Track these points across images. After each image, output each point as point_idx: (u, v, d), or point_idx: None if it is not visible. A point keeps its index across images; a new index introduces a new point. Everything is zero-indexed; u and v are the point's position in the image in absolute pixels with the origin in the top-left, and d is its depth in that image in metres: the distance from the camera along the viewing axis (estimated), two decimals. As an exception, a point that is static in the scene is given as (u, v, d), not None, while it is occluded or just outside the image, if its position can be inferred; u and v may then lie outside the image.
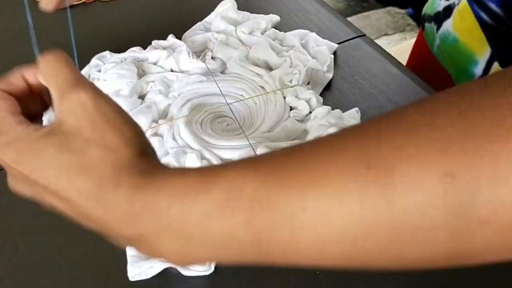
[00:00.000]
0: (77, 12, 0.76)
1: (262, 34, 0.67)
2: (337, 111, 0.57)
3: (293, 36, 0.66)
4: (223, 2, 0.70)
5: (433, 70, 0.72)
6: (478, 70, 0.64)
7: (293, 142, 0.54)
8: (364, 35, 0.71)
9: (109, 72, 0.61)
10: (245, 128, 0.57)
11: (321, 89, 0.62)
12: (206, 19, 0.70)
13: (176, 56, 0.63)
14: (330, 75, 0.63)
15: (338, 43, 0.67)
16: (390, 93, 0.62)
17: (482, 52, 0.63)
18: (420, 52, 0.76)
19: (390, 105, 0.60)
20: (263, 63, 0.63)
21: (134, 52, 0.65)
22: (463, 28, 0.64)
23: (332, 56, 0.65)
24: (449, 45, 0.68)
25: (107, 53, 0.65)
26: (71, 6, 0.70)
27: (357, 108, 0.58)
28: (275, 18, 0.69)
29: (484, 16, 0.60)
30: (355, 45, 0.69)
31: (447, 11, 0.67)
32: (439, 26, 0.69)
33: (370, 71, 0.66)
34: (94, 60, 0.64)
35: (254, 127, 0.57)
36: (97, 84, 0.59)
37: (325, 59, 0.64)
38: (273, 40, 0.66)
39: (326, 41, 0.66)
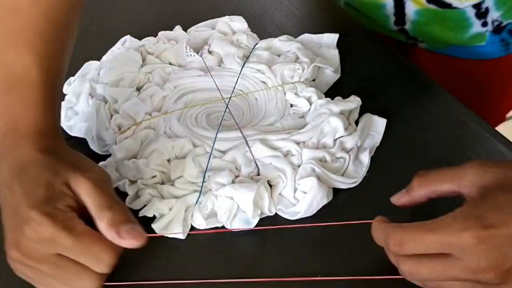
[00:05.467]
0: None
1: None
2: (337, 98, 0.55)
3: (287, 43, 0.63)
4: (237, 18, 0.67)
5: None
6: (389, 11, 0.68)
7: (287, 135, 0.52)
8: (367, 29, 0.69)
9: (113, 60, 0.60)
10: (244, 123, 0.55)
11: (326, 88, 0.60)
12: (216, 19, 0.67)
13: (174, 49, 0.61)
14: (337, 76, 0.61)
15: (340, 38, 0.64)
16: (393, 87, 0.60)
17: None
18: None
19: (393, 99, 0.58)
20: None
21: (149, 41, 0.64)
22: None
23: (338, 57, 0.62)
24: None
25: (128, 37, 0.65)
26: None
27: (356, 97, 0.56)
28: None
29: None
30: (357, 39, 0.66)
31: None
32: None
33: (373, 65, 0.63)
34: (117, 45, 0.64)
35: (253, 123, 0.55)
36: (101, 72, 0.59)
37: (334, 61, 0.61)
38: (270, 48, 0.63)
39: (326, 34, 0.64)
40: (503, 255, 0.34)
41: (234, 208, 0.47)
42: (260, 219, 0.48)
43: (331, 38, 0.64)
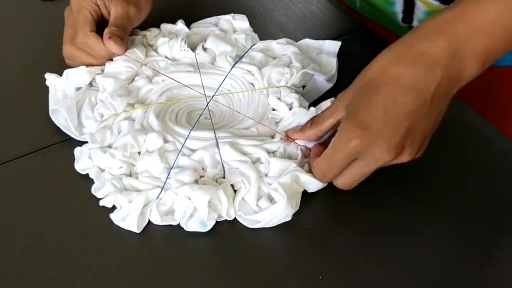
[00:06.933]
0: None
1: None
2: (312, 109, 0.53)
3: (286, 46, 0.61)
4: (240, 17, 0.66)
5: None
6: (397, 8, 0.68)
7: (259, 142, 0.51)
8: (367, 28, 0.67)
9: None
10: (224, 124, 0.55)
11: (316, 96, 0.58)
12: (220, 16, 0.67)
13: (170, 43, 0.61)
14: (330, 85, 0.59)
15: (340, 36, 0.63)
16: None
17: None
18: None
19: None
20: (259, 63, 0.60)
21: (151, 33, 0.64)
22: None
23: (336, 66, 0.60)
24: None
25: None
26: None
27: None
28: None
29: None
30: (357, 38, 0.65)
31: None
32: None
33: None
34: None
35: (231, 124, 0.55)
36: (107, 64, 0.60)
37: (330, 69, 0.60)
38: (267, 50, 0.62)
39: (328, 41, 0.62)
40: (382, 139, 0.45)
41: (190, 209, 0.47)
42: (219, 222, 0.47)
43: (333, 45, 0.62)
